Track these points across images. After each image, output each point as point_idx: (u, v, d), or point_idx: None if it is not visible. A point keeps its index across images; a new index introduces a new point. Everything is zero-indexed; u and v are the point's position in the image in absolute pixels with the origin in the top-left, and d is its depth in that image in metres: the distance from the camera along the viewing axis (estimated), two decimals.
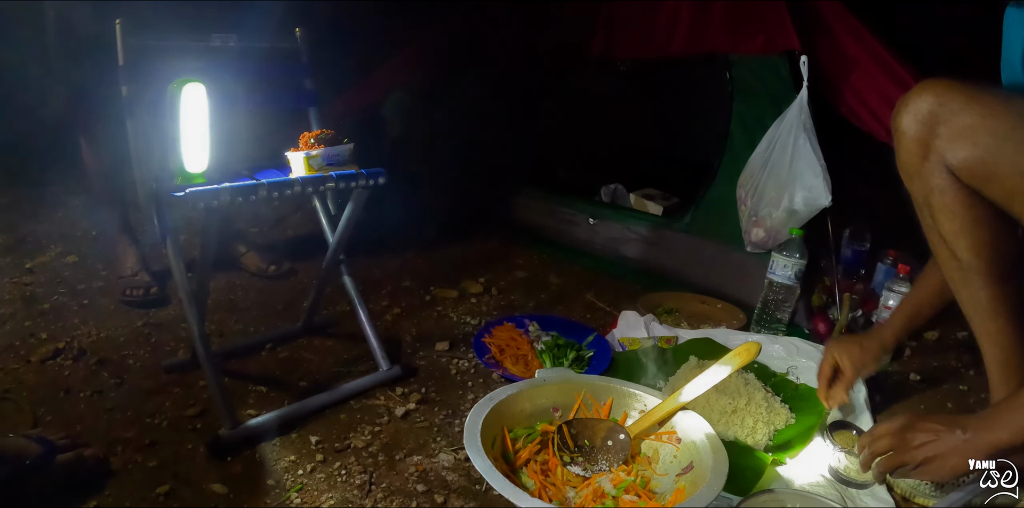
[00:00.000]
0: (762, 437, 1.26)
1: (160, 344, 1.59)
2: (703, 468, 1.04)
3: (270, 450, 1.23)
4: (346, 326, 1.72)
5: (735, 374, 1.37)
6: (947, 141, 1.00)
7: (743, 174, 1.88)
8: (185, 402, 1.36)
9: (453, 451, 1.25)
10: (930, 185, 1.07)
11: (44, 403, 1.33)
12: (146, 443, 1.23)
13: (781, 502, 1.08)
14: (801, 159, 1.68)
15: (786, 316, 1.73)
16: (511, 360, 1.54)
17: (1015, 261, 1.11)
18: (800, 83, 1.73)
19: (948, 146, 1.01)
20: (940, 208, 1.08)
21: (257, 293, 1.92)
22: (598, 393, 1.25)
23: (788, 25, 1.81)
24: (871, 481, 1.19)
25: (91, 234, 2.24)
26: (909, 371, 1.65)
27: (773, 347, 1.57)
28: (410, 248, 2.30)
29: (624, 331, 1.69)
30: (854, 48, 1.85)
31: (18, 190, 2.59)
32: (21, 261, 2.00)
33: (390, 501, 1.12)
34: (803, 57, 1.72)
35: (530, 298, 1.99)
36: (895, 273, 1.66)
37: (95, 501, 1.08)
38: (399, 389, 1.45)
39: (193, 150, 1.20)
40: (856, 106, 1.86)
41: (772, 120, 1.80)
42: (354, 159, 1.32)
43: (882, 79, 1.81)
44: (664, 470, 1.13)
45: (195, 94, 1.18)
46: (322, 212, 1.52)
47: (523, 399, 1.19)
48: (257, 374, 1.50)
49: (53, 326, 1.63)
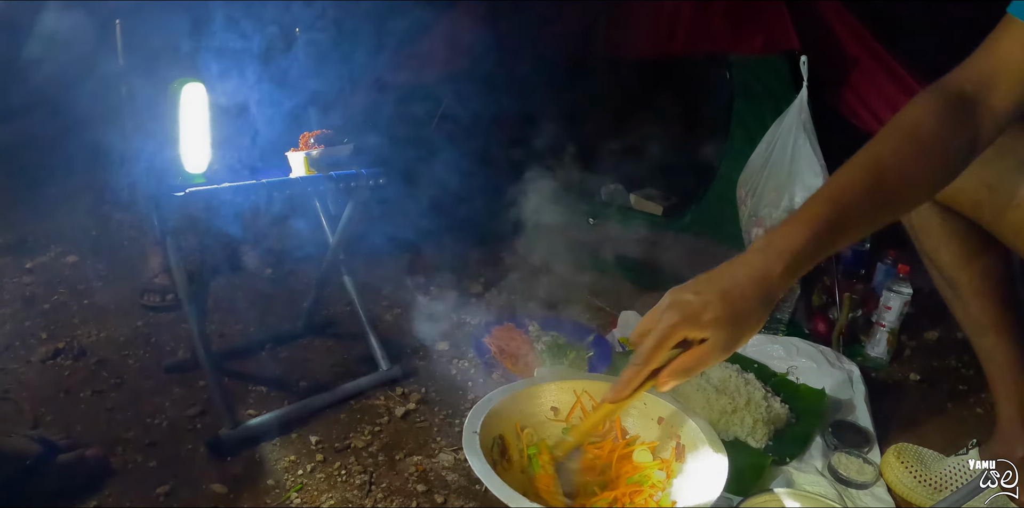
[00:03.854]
0: (762, 437, 1.26)
1: (160, 344, 1.59)
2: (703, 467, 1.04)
3: (270, 450, 1.23)
4: (346, 326, 1.72)
5: (735, 374, 1.38)
6: None
7: (743, 174, 1.87)
8: (185, 402, 1.36)
9: (453, 451, 1.25)
10: None
11: (44, 403, 1.33)
12: (146, 443, 1.23)
13: (781, 502, 1.09)
14: (801, 159, 1.68)
15: (786, 316, 1.73)
16: (511, 360, 1.54)
17: (1003, 277, 1.12)
18: (800, 83, 1.73)
19: None
20: (920, 227, 1.13)
21: (257, 293, 1.92)
22: (597, 393, 1.25)
23: (788, 25, 1.81)
24: (871, 481, 1.20)
25: (91, 234, 2.24)
26: (909, 371, 1.65)
27: (773, 347, 1.57)
28: (410, 248, 2.30)
29: (624, 331, 1.69)
30: (854, 48, 1.85)
31: (18, 190, 2.59)
32: (21, 261, 2.00)
33: (390, 501, 1.12)
34: (803, 57, 1.72)
35: (530, 298, 1.99)
36: (895, 273, 1.66)
37: (95, 501, 1.08)
38: (399, 389, 1.45)
39: (193, 150, 1.20)
40: (856, 106, 1.86)
41: (772, 120, 1.80)
42: (354, 159, 1.32)
43: (882, 79, 1.81)
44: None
45: (195, 94, 1.18)
46: (322, 212, 1.52)
47: (523, 399, 1.18)
48: (257, 374, 1.50)
49: (53, 326, 1.63)
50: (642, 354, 0.79)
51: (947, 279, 1.14)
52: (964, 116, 0.81)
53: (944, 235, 1.11)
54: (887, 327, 1.64)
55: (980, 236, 1.08)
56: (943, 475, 1.16)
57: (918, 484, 1.17)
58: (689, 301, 0.76)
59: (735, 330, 0.76)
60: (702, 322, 0.75)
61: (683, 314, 0.75)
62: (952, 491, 1.11)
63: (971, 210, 1.03)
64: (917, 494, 1.17)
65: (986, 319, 1.13)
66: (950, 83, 0.84)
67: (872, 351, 1.68)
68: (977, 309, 1.13)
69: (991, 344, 1.15)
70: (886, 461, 1.23)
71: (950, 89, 0.83)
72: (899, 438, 1.33)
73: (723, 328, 0.75)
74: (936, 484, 1.16)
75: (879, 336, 1.66)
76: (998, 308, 1.13)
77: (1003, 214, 0.99)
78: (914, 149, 0.80)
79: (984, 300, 1.12)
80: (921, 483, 1.17)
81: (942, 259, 1.13)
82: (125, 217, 2.35)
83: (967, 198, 1.02)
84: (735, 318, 0.75)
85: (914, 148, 0.80)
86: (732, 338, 0.76)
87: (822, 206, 0.77)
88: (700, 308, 0.75)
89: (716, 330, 0.75)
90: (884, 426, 1.40)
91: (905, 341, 1.76)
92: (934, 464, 1.19)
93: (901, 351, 1.71)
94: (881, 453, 1.30)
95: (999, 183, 0.98)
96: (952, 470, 1.16)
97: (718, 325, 0.75)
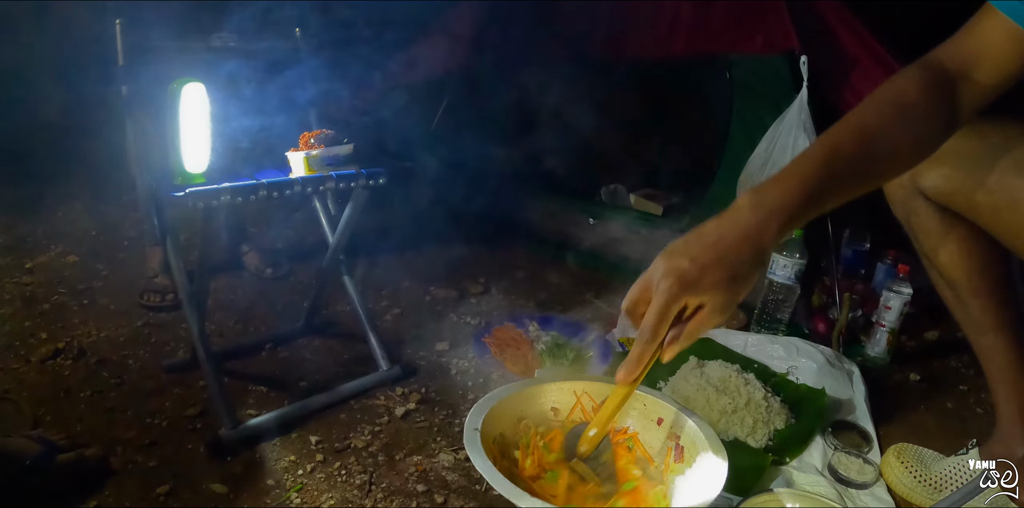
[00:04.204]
0: (762, 437, 1.26)
1: (160, 344, 1.59)
2: (702, 468, 1.04)
3: (270, 450, 1.23)
4: (346, 326, 1.72)
5: (735, 374, 1.37)
6: (920, 168, 1.05)
7: (743, 174, 1.87)
8: (185, 402, 1.36)
9: (453, 451, 1.25)
10: (908, 209, 1.14)
11: (44, 403, 1.33)
12: (146, 443, 1.23)
13: (781, 502, 1.09)
14: None
15: (786, 316, 1.73)
16: (511, 360, 1.54)
17: (1002, 277, 1.13)
18: (800, 83, 1.73)
19: (919, 172, 1.07)
20: (919, 228, 1.14)
21: (257, 293, 1.92)
22: (597, 393, 1.25)
23: (788, 25, 1.80)
24: (871, 481, 1.20)
25: (91, 234, 2.24)
26: (909, 371, 1.65)
27: (773, 347, 1.57)
28: (410, 248, 2.30)
29: (624, 331, 1.69)
30: (854, 48, 1.85)
31: (18, 190, 2.59)
32: (21, 261, 2.00)
33: (390, 501, 1.12)
34: (803, 57, 1.72)
35: (530, 298, 1.99)
36: (895, 273, 1.66)
37: (95, 501, 1.08)
38: (399, 389, 1.45)
39: (193, 150, 1.20)
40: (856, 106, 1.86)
41: (772, 120, 1.80)
42: (354, 159, 1.32)
43: (882, 79, 1.79)
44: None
45: (195, 94, 1.18)
46: (322, 212, 1.52)
47: (523, 399, 1.18)
48: (257, 374, 1.50)
49: (53, 326, 1.63)
50: (648, 329, 0.78)
51: (947, 279, 1.15)
52: (945, 91, 0.86)
53: (944, 235, 1.11)
54: (887, 327, 1.64)
55: (979, 236, 1.08)
56: (943, 475, 1.16)
57: (918, 484, 1.17)
58: (686, 268, 0.75)
59: (732, 293, 0.76)
60: (701, 288, 0.75)
61: (682, 283, 0.75)
62: (952, 491, 1.11)
63: (969, 210, 1.04)
64: (917, 494, 1.17)
65: (986, 319, 1.14)
66: (932, 61, 0.88)
67: (872, 351, 1.68)
68: (977, 309, 1.14)
69: (991, 344, 1.15)
70: (886, 461, 1.23)
71: (932, 66, 0.87)
72: (899, 438, 1.33)
73: (721, 292, 0.75)
74: (936, 484, 1.16)
75: (879, 336, 1.66)
76: (998, 308, 1.13)
77: (1001, 214, 1.00)
78: (898, 117, 0.83)
79: (983, 300, 1.13)
80: (921, 483, 1.17)
81: (942, 259, 1.13)
82: (125, 217, 2.36)
83: (965, 198, 1.03)
84: (732, 281, 0.75)
85: (898, 116, 0.83)
86: (729, 300, 0.76)
87: (814, 167, 0.78)
88: (698, 275, 0.74)
89: (715, 295, 0.75)
90: (884, 426, 1.41)
91: (905, 341, 1.77)
92: (934, 464, 1.19)
93: (901, 351, 1.71)
94: (881, 453, 1.30)
95: (997, 184, 0.99)
96: (952, 470, 1.16)
97: (716, 290, 0.75)
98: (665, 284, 0.75)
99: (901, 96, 0.85)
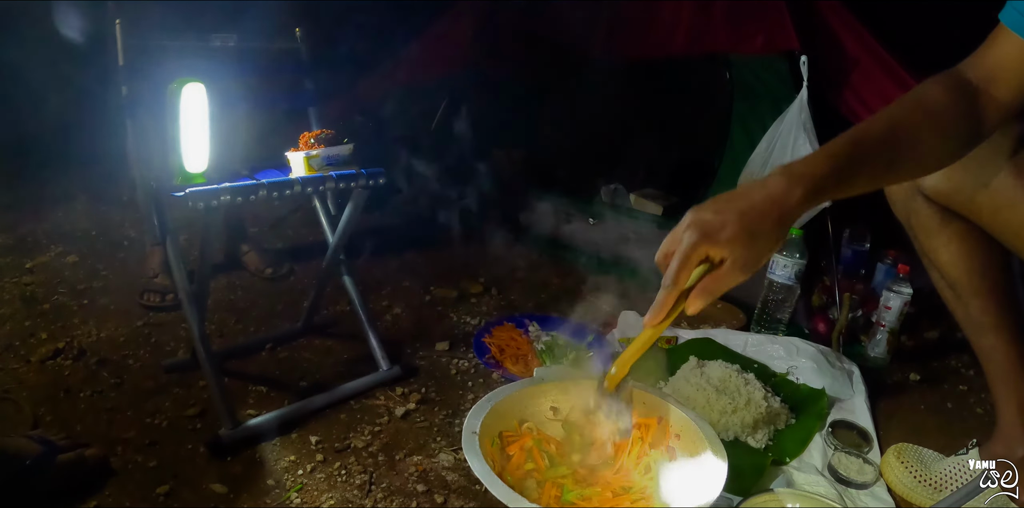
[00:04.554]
0: (762, 437, 1.26)
1: (160, 344, 1.59)
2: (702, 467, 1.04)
3: (270, 450, 1.23)
4: (346, 326, 1.72)
5: (735, 374, 1.37)
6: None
7: (743, 174, 1.87)
8: (185, 402, 1.36)
9: (453, 451, 1.25)
10: (909, 209, 1.14)
11: (44, 403, 1.33)
12: (146, 443, 1.23)
13: (781, 502, 1.09)
14: None
15: (786, 316, 1.73)
16: (511, 360, 1.54)
17: (1002, 277, 1.13)
18: (800, 83, 1.73)
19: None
20: (919, 228, 1.15)
21: (257, 293, 1.92)
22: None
23: (788, 25, 1.81)
24: (871, 481, 1.20)
25: (91, 234, 2.24)
26: (909, 371, 1.65)
27: (773, 347, 1.57)
28: (410, 248, 2.30)
29: (624, 331, 1.69)
30: (854, 48, 1.85)
31: (18, 190, 2.59)
32: (21, 261, 2.00)
33: (390, 501, 1.12)
34: (803, 57, 1.72)
35: (530, 298, 1.99)
36: (895, 273, 1.66)
37: (95, 501, 1.08)
38: (399, 389, 1.45)
39: (193, 150, 1.20)
40: (856, 106, 1.86)
41: (772, 120, 1.80)
42: (354, 159, 1.32)
43: (882, 79, 1.81)
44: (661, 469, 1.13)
45: (195, 94, 1.18)
46: (322, 212, 1.52)
47: (523, 399, 1.18)
48: (257, 374, 1.50)
49: (53, 326, 1.63)
50: (670, 275, 0.80)
51: (947, 279, 1.15)
52: (972, 104, 0.88)
53: (944, 235, 1.12)
54: (887, 327, 1.64)
55: (980, 236, 1.09)
56: (943, 475, 1.16)
57: (918, 484, 1.17)
58: (708, 220, 0.77)
59: (752, 249, 0.78)
60: (721, 240, 0.76)
61: (702, 232, 0.77)
62: (952, 491, 1.11)
63: (969, 210, 1.05)
64: (917, 494, 1.17)
65: (986, 319, 1.14)
66: (958, 73, 0.90)
67: (872, 351, 1.68)
68: (977, 309, 1.14)
69: (991, 344, 1.15)
70: (886, 461, 1.23)
71: (960, 78, 0.89)
72: (899, 438, 1.33)
73: (740, 246, 0.77)
74: (936, 484, 1.16)
75: (879, 336, 1.66)
76: (998, 308, 1.13)
77: (1001, 214, 1.00)
78: (927, 119, 0.85)
79: (984, 300, 1.13)
80: (921, 483, 1.17)
81: (942, 259, 1.14)
82: (125, 217, 2.36)
83: (965, 198, 1.04)
84: (751, 236, 0.77)
85: (927, 119, 0.85)
86: (750, 257, 0.78)
87: (842, 144, 0.81)
88: (719, 226, 0.77)
89: (734, 248, 0.77)
90: (884, 426, 1.41)
91: (905, 341, 1.77)
92: (934, 464, 1.19)
93: (901, 351, 1.71)
94: (881, 453, 1.30)
95: (997, 184, 0.99)
96: (952, 470, 1.16)
97: (735, 243, 0.77)
98: (687, 234, 0.78)
99: (932, 103, 0.86)
